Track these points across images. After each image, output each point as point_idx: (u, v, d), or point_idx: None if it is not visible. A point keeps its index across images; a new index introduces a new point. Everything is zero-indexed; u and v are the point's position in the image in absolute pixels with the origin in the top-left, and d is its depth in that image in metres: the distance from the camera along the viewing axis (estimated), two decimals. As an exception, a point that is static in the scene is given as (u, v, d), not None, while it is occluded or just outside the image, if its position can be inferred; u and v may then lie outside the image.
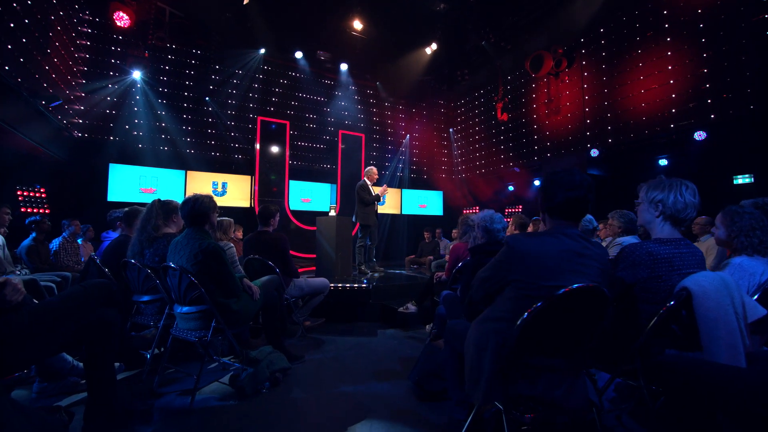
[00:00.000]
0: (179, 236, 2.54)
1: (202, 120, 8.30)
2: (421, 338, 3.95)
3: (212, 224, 2.58)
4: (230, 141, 8.66)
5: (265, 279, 2.97)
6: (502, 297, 1.54)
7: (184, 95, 8.10)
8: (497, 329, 1.49)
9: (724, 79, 6.17)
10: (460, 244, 3.59)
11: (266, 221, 3.74)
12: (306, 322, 4.15)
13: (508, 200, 10.63)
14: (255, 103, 8.97)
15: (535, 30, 8.62)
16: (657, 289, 1.66)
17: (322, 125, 9.82)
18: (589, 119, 8.26)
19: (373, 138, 10.50)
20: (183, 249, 2.43)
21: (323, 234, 5.77)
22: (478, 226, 2.58)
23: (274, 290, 3.01)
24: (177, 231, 3.02)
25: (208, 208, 2.51)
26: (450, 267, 3.59)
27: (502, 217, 2.59)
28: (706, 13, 6.38)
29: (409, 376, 2.67)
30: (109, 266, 2.95)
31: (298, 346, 3.62)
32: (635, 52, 7.43)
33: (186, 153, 8.07)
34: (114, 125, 7.33)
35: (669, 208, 1.72)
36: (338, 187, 9.70)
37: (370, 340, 3.90)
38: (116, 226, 4.22)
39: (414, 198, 10.92)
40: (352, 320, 4.59)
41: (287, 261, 3.66)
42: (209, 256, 2.36)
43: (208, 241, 2.42)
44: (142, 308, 2.86)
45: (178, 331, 2.50)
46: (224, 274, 2.43)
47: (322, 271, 5.68)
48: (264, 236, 3.67)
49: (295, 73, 9.46)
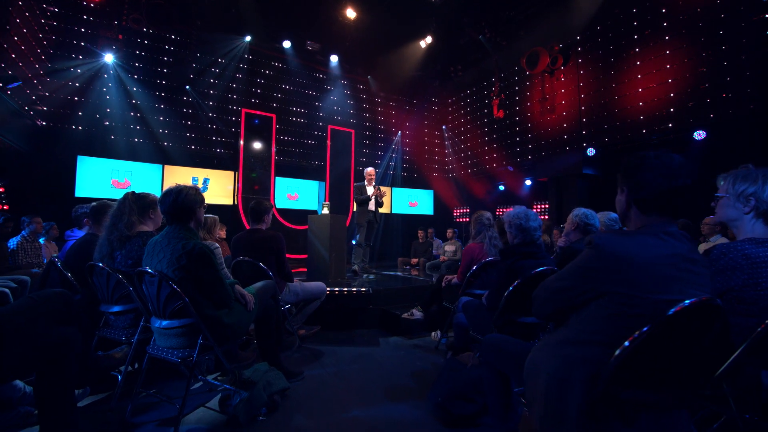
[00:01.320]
0: (158, 236, 2.12)
1: (182, 110, 7.73)
2: (428, 347, 3.62)
3: (198, 221, 2.17)
4: (212, 134, 8.11)
5: (260, 285, 2.57)
6: (586, 314, 1.21)
7: (162, 83, 7.51)
8: (587, 357, 1.15)
9: (723, 79, 6.11)
10: (474, 245, 3.28)
11: (259, 218, 3.32)
12: (300, 331, 3.75)
13: (499, 200, 10.47)
14: (239, 95, 8.45)
15: (531, 26, 8.45)
16: (755, 299, 1.37)
17: (310, 120, 9.38)
18: (585, 118, 8.14)
19: (364, 134, 10.12)
20: (163, 251, 2.01)
21: (315, 233, 5.37)
22: (511, 224, 2.26)
23: (270, 298, 2.61)
24: (155, 229, 2.59)
25: (194, 201, 2.10)
26: (464, 269, 3.27)
27: (537, 215, 2.28)
28: (705, 12, 6.31)
29: (428, 396, 2.33)
30: (72, 270, 2.49)
31: (294, 359, 3.23)
32: (633, 51, 7.33)
33: (163, 146, 7.48)
34: (83, 113, 6.69)
35: (764, 202, 1.44)
36: (327, 185, 9.26)
37: (372, 350, 3.54)
38: (83, 223, 3.70)
39: (404, 197, 10.61)
40: (349, 327, 4.22)
41: (283, 263, 3.26)
42: (195, 260, 1.96)
43: (193, 242, 2.01)
44: (111, 320, 2.41)
45: (157, 350, 2.08)
46: (214, 281, 2.03)
47: (315, 273, 5.29)
48: (256, 235, 3.26)
49: (283, 64, 8.98)
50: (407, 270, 7.73)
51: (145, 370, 2.14)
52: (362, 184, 6.05)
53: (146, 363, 2.13)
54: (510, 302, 2.15)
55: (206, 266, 1.99)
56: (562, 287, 1.27)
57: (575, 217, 2.71)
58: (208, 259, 2.00)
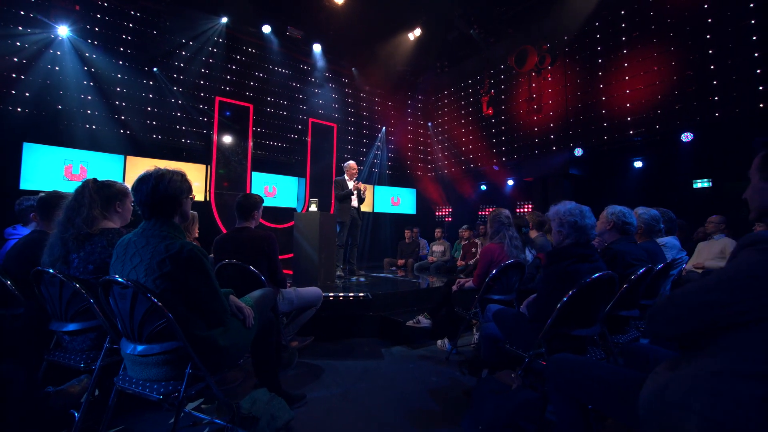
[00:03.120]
0: (131, 234, 1.64)
1: (148, 96, 6.97)
2: (436, 358, 3.28)
3: (184, 215, 1.72)
4: (182, 123, 7.40)
5: (258, 294, 2.12)
6: (746, 338, 0.90)
7: (126, 64, 6.73)
8: (761, 396, 0.84)
9: (709, 82, 6.19)
10: (494, 245, 2.97)
11: (247, 214, 2.86)
12: (293, 343, 3.30)
13: (483, 200, 10.36)
14: (213, 81, 7.78)
15: (520, 24, 8.34)
16: None
17: (290, 112, 8.82)
18: (572, 118, 8.12)
19: (347, 129, 9.67)
20: (139, 254, 1.54)
21: (303, 232, 4.91)
22: (563, 221, 1.96)
23: (270, 310, 2.18)
24: (123, 225, 2.09)
25: (180, 190, 1.65)
26: (481, 273, 2.96)
27: (591, 211, 1.99)
28: (692, 16, 6.38)
29: (463, 425, 1.99)
30: (13, 278, 1.95)
31: (289, 377, 2.80)
32: (620, 52, 7.36)
33: (126, 134, 6.71)
34: (30, 94, 5.83)
35: None
36: (307, 182, 8.76)
37: (377, 364, 3.16)
38: (28, 218, 3.08)
39: (387, 195, 10.26)
40: (345, 336, 3.81)
41: (276, 267, 2.82)
42: (184, 265, 1.51)
43: (180, 242, 1.56)
44: (65, 342, 1.89)
45: (129, 382, 1.60)
46: (207, 293, 1.59)
47: (302, 277, 4.83)
48: (244, 234, 2.79)
49: (262, 50, 8.37)
50: (394, 271, 7.39)
51: (112, 408, 1.66)
52: (342, 178, 5.62)
53: (113, 399, 1.64)
54: (564, 313, 1.85)
55: (198, 273, 1.54)
56: (712, 302, 0.95)
57: (611, 215, 2.46)
58: (199, 265, 1.55)
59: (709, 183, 6.59)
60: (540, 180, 8.81)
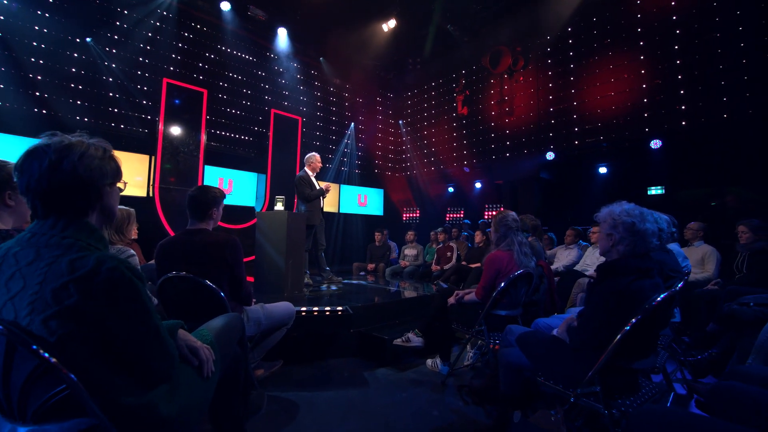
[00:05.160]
0: (11, 241, 1.02)
1: (79, 72, 5.91)
2: (430, 381, 2.83)
3: (107, 212, 1.11)
4: (120, 105, 6.38)
5: (220, 325, 1.52)
6: None
7: (51, 33, 5.63)
8: None
9: (677, 92, 6.35)
10: (502, 253, 2.57)
11: (203, 212, 2.22)
12: (258, 371, 2.70)
13: (450, 202, 10.15)
14: (160, 61, 6.81)
15: (494, 25, 8.19)
16: None
17: (250, 101, 8.01)
18: (543, 122, 8.10)
19: (313, 124, 9.01)
20: (22, 275, 0.93)
21: (266, 235, 4.28)
22: (618, 223, 1.58)
23: (237, 343, 1.59)
24: (14, 228, 1.44)
25: (101, 172, 1.05)
26: (487, 284, 2.55)
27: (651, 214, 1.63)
28: (661, 27, 6.52)
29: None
30: None
31: (257, 419, 2.20)
32: (592, 59, 7.42)
33: (49, 115, 5.62)
34: None
35: None
36: (268, 178, 8.02)
37: (363, 393, 2.64)
38: None
39: (353, 195, 9.72)
40: (319, 358, 3.25)
41: (240, 281, 2.22)
42: (102, 295, 0.92)
43: (96, 256, 0.96)
44: None
45: (1, 485, 0.98)
46: (141, 335, 1.00)
47: (265, 285, 4.20)
48: (200, 238, 2.15)
49: (219, 31, 7.50)
50: (363, 276, 6.88)
51: None
52: (305, 174, 4.92)
53: None
54: (625, 342, 1.46)
55: (125, 306, 0.96)
56: None
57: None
58: (128, 292, 0.96)
59: (662, 190, 6.78)
60: (509, 183, 8.74)
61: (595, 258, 4.58)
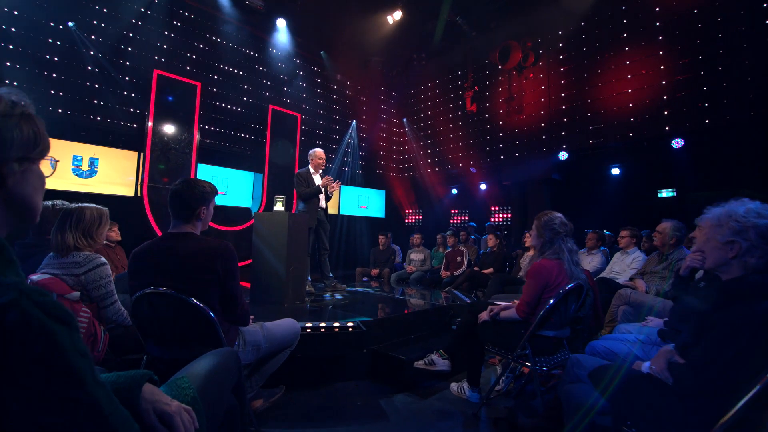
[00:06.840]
0: None
1: (61, 60, 5.44)
2: (460, 413, 2.40)
3: (18, 204, 0.68)
4: (106, 97, 5.91)
5: (205, 370, 1.07)
6: None
7: (31, 18, 5.16)
8: None
9: (700, 88, 6.01)
10: (549, 262, 2.16)
11: (189, 212, 1.77)
12: (256, 402, 2.26)
13: (454, 204, 9.78)
14: (151, 50, 6.35)
15: (506, 19, 7.84)
16: None
17: (246, 96, 7.55)
18: (555, 120, 7.74)
19: (314, 122, 8.57)
20: None
21: (265, 239, 3.83)
22: (747, 226, 1.18)
23: (231, 390, 1.15)
24: None
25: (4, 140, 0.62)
26: (531, 299, 2.14)
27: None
28: (683, 20, 6.19)
29: None
30: None
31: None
32: (607, 54, 7.08)
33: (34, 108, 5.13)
34: None
35: None
36: (265, 177, 7.57)
37: (383, 428, 2.21)
38: None
39: (354, 196, 9.29)
40: (326, 382, 2.80)
41: (235, 297, 1.77)
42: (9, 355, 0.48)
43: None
44: None
45: None
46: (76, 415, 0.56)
47: (262, 294, 3.75)
48: (184, 245, 1.71)
49: (213, 21, 7.06)
50: (366, 283, 6.44)
51: None
52: (306, 170, 4.50)
53: None
54: None
55: (47, 377, 0.52)
56: None
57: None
58: (51, 353, 0.52)
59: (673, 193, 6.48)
60: (518, 185, 8.36)
61: (625, 265, 4.17)
